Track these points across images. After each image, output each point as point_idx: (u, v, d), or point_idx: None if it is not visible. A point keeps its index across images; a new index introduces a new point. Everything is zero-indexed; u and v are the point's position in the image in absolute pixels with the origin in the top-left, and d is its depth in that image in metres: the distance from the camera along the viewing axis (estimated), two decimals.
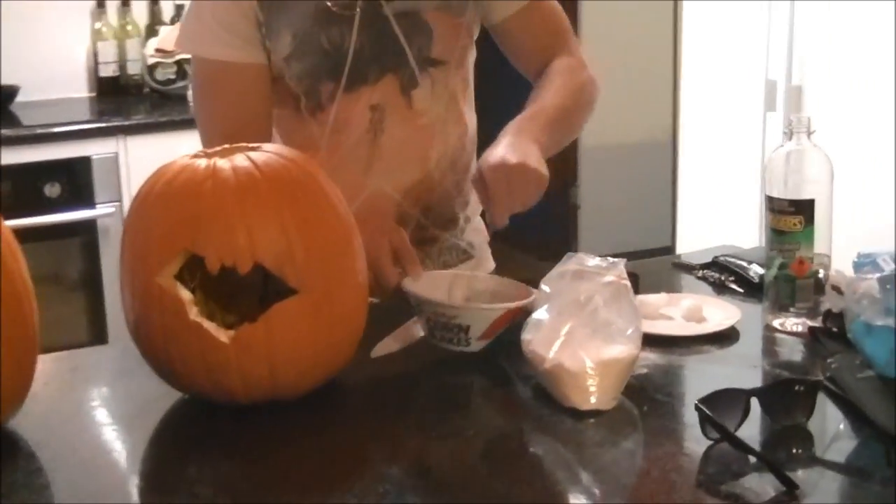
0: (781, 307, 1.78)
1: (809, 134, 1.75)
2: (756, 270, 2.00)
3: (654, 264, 2.27)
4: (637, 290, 1.88)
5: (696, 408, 1.40)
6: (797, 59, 3.60)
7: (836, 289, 1.81)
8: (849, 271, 1.83)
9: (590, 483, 1.35)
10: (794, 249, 1.75)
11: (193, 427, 1.53)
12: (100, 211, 3.82)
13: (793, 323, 1.78)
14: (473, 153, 2.17)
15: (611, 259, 1.59)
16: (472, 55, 2.14)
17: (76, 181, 3.79)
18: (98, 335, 3.86)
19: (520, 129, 1.90)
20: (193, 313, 1.49)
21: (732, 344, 1.76)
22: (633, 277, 1.94)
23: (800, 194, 1.75)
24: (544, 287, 1.62)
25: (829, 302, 1.78)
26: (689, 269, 2.11)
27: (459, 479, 1.38)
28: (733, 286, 2.01)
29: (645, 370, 1.63)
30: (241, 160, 1.51)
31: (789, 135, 1.76)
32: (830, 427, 1.48)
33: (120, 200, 3.82)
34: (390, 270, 1.79)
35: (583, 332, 1.54)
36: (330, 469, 1.41)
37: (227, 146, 1.60)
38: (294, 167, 1.53)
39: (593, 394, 1.51)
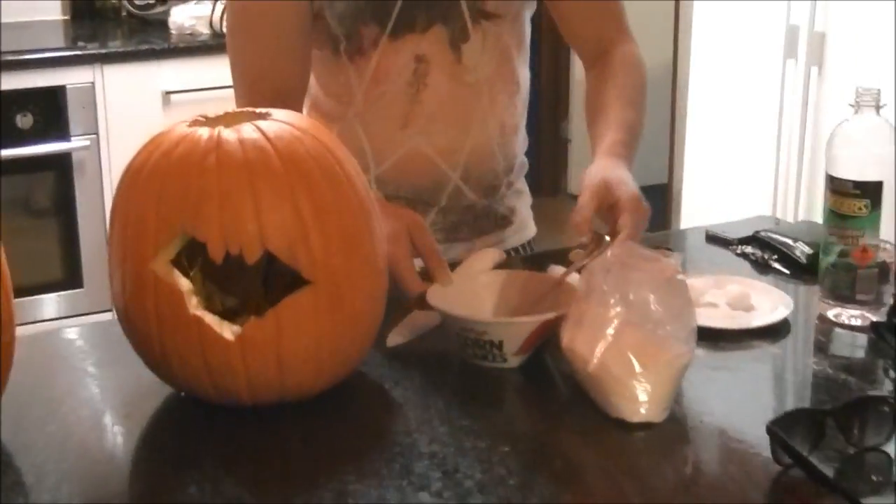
0: (839, 297, 1.61)
1: (878, 108, 1.57)
2: (803, 249, 1.82)
3: (686, 236, 2.08)
4: None
5: (769, 431, 1.23)
6: (821, 3, 3.40)
7: None
8: None
9: None
10: (857, 236, 1.58)
11: (191, 429, 1.35)
12: (74, 144, 3.61)
13: (851, 315, 1.61)
14: (524, 115, 2.00)
15: (665, 250, 1.41)
16: (531, 10, 1.96)
17: (49, 112, 3.57)
18: (72, 272, 3.69)
19: (619, 156, 1.75)
20: (193, 305, 1.30)
21: (784, 338, 1.59)
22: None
23: (865, 175, 1.57)
24: (586, 278, 1.44)
25: (892, 294, 1.61)
26: (725, 243, 1.93)
27: (484, 488, 1.21)
28: (778, 266, 1.84)
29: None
30: (249, 131, 1.32)
31: (856, 107, 1.58)
32: None
33: (96, 133, 3.61)
34: (411, 277, 1.58)
35: (632, 332, 1.36)
36: (340, 472, 1.23)
37: (231, 111, 1.41)
38: (309, 140, 1.34)
39: (643, 404, 1.34)
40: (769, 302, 1.66)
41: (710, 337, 1.55)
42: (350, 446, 1.31)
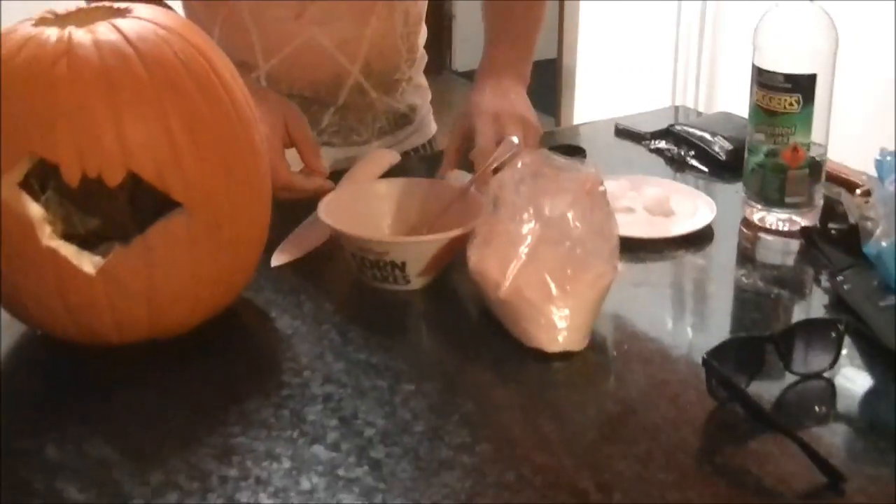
0: (767, 200, 1.48)
1: None
2: (722, 145, 1.70)
3: (593, 129, 1.93)
4: None
5: (705, 363, 1.10)
6: None
7: (837, 179, 1.52)
8: (847, 164, 1.56)
9: (560, 453, 1.04)
10: (787, 134, 1.45)
11: (49, 375, 1.18)
12: None
13: (778, 219, 1.48)
14: (426, 6, 1.83)
15: (582, 162, 1.26)
16: None
17: None
18: None
19: (505, 65, 1.65)
20: (46, 235, 1.13)
21: (708, 245, 1.46)
22: (579, 153, 1.63)
23: (797, 67, 1.43)
24: (495, 189, 1.29)
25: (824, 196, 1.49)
26: (637, 137, 1.79)
27: (387, 437, 1.06)
28: (695, 163, 1.70)
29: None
30: (106, 31, 1.13)
31: None
32: (856, 376, 1.19)
33: None
34: (280, 165, 1.46)
35: (547, 251, 1.22)
36: (222, 424, 1.07)
37: (84, 6, 1.22)
38: (178, 42, 1.16)
39: (562, 331, 1.20)
40: (690, 205, 1.53)
41: (630, 247, 1.41)
42: (233, 391, 1.15)
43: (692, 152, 1.72)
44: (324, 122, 1.76)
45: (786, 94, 1.43)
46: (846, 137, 1.62)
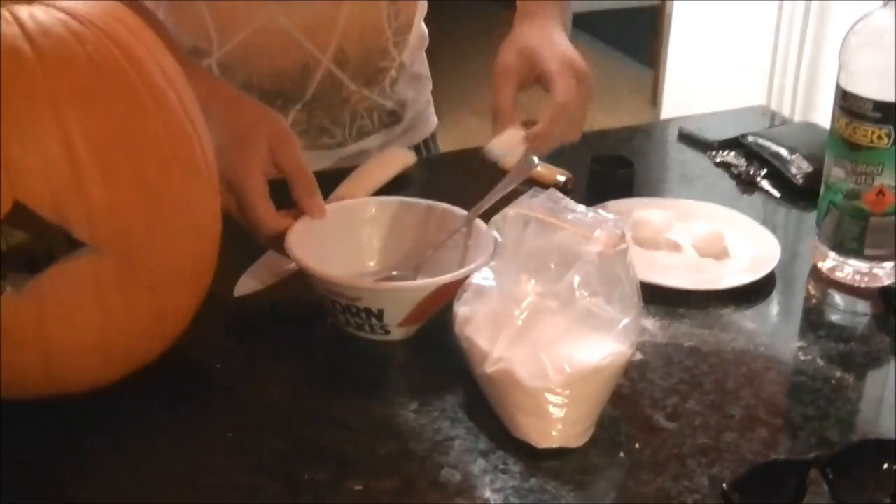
0: (842, 250, 1.22)
1: None
2: (800, 166, 1.43)
3: (652, 132, 1.65)
4: (631, 190, 1.33)
5: (724, 497, 0.85)
6: None
7: None
8: None
9: None
10: (872, 174, 1.18)
11: None
12: None
13: (855, 272, 1.22)
14: None
15: (601, 212, 1.00)
16: None
17: None
18: None
19: (551, 14, 1.37)
20: None
21: (764, 301, 1.21)
22: (626, 167, 1.38)
23: (891, 94, 1.16)
24: (495, 234, 1.04)
25: None
26: (704, 146, 1.53)
27: None
28: (766, 184, 1.44)
29: (639, 355, 1.08)
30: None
31: None
32: None
33: None
34: (264, 209, 1.15)
35: (548, 321, 0.98)
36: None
37: None
38: (95, 37, 0.92)
39: (557, 423, 0.96)
40: (749, 245, 1.27)
41: (667, 299, 1.18)
42: (138, 477, 0.93)
43: (764, 170, 1.45)
44: (289, 120, 1.46)
45: (874, 125, 1.16)
46: None
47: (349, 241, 1.19)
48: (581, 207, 1.01)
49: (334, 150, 1.51)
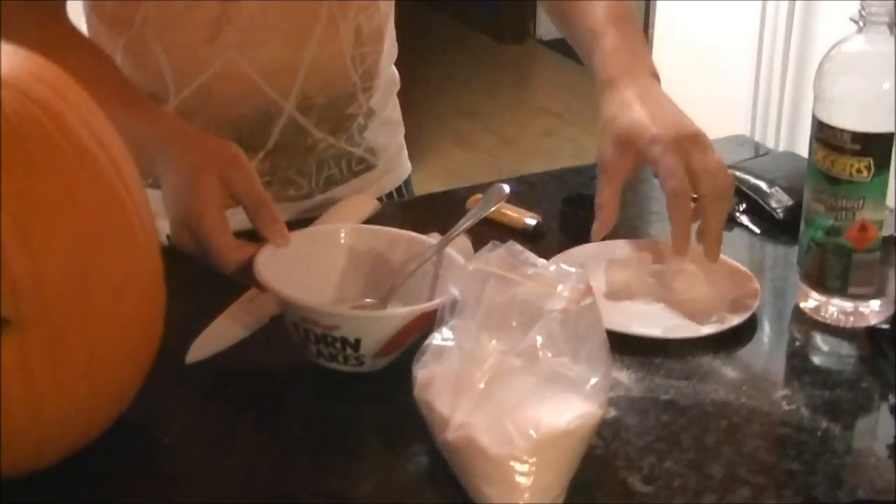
0: (825, 289, 1.16)
1: (893, 27, 1.09)
2: (780, 199, 1.37)
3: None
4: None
5: None
6: None
7: None
8: None
9: None
10: (853, 208, 1.12)
11: None
12: None
13: (840, 312, 1.16)
14: (392, 9, 1.45)
15: (563, 266, 0.95)
16: None
17: None
18: None
19: (632, 58, 1.29)
20: None
21: (745, 346, 1.15)
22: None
23: (870, 124, 1.10)
24: (452, 290, 0.98)
25: None
26: None
27: None
28: (745, 221, 1.38)
29: (612, 412, 1.02)
30: None
31: (860, 23, 1.10)
32: None
33: None
34: (223, 241, 1.10)
35: (511, 384, 0.92)
36: None
37: None
38: (11, 95, 0.86)
39: (525, 492, 0.90)
40: (729, 288, 1.21)
41: (642, 349, 1.11)
42: None
43: (743, 205, 1.39)
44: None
45: (853, 158, 1.10)
46: None
47: (316, 270, 1.15)
48: (542, 261, 0.95)
49: (301, 201, 1.44)
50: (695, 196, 1.19)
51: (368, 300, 1.14)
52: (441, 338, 0.97)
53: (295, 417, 1.03)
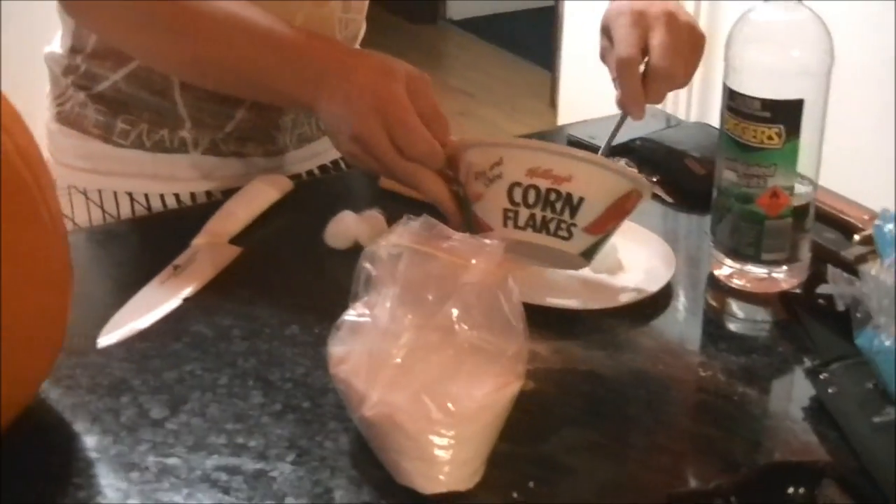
0: (739, 256, 1.17)
1: None
2: (693, 169, 1.37)
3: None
4: None
5: None
6: None
7: (832, 220, 1.21)
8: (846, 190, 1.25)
9: None
10: (764, 175, 1.13)
11: None
12: None
13: (753, 278, 1.17)
14: None
15: (479, 238, 0.94)
16: None
17: None
18: None
19: None
20: None
21: (661, 316, 1.15)
22: None
23: (780, 91, 1.10)
24: (366, 265, 0.97)
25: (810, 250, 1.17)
26: (594, 153, 1.46)
27: None
28: (659, 192, 1.38)
29: (531, 384, 1.01)
30: None
31: None
32: None
33: None
34: (419, 123, 1.11)
35: (428, 359, 0.91)
36: None
37: None
38: None
39: (444, 466, 0.89)
40: (644, 258, 1.22)
41: (559, 322, 1.11)
42: None
43: (656, 176, 1.39)
44: (236, 119, 1.42)
45: (764, 125, 1.11)
46: (845, 154, 1.29)
47: None
48: (458, 234, 0.94)
49: (275, 157, 1.48)
50: None
51: None
52: (356, 313, 0.95)
53: (208, 401, 1.02)
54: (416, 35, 5.12)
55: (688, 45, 1.23)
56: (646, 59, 1.23)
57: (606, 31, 1.27)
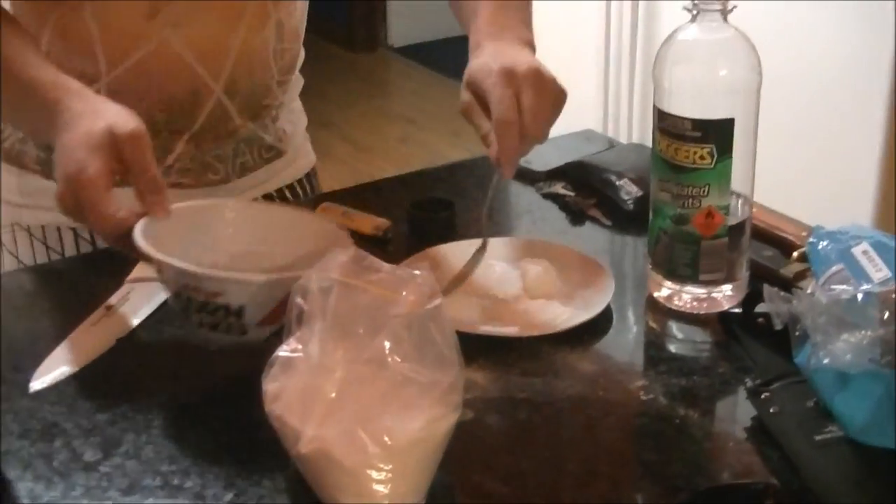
0: (676, 277, 1.16)
1: (726, 14, 1.10)
2: (630, 191, 1.37)
3: (475, 167, 1.56)
4: (453, 233, 1.27)
5: None
6: None
7: (769, 237, 1.21)
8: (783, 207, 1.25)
9: None
10: (698, 196, 1.12)
11: None
12: None
13: (693, 300, 1.17)
14: (303, 21, 1.49)
15: (408, 270, 0.93)
16: None
17: None
18: None
19: (502, 28, 1.31)
20: None
21: (600, 340, 1.14)
22: (445, 209, 1.31)
23: (710, 111, 1.10)
24: (298, 299, 0.95)
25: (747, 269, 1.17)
26: (530, 177, 1.46)
27: None
28: (597, 215, 1.38)
29: (469, 414, 1.00)
30: None
31: (695, 11, 1.11)
32: None
33: None
34: (103, 203, 1.07)
35: (362, 392, 0.90)
36: None
37: None
38: None
39: (382, 499, 0.88)
40: (582, 282, 1.21)
41: (497, 350, 1.10)
42: None
43: (594, 200, 1.39)
44: (175, 152, 1.41)
45: (695, 145, 1.10)
46: (782, 170, 1.29)
47: (203, 244, 1.11)
48: (387, 266, 0.93)
49: (218, 186, 1.46)
50: None
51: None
52: (289, 349, 0.94)
53: (142, 443, 1.00)
54: (357, 63, 5.12)
55: (553, 105, 1.23)
56: None
57: (473, 87, 1.26)
